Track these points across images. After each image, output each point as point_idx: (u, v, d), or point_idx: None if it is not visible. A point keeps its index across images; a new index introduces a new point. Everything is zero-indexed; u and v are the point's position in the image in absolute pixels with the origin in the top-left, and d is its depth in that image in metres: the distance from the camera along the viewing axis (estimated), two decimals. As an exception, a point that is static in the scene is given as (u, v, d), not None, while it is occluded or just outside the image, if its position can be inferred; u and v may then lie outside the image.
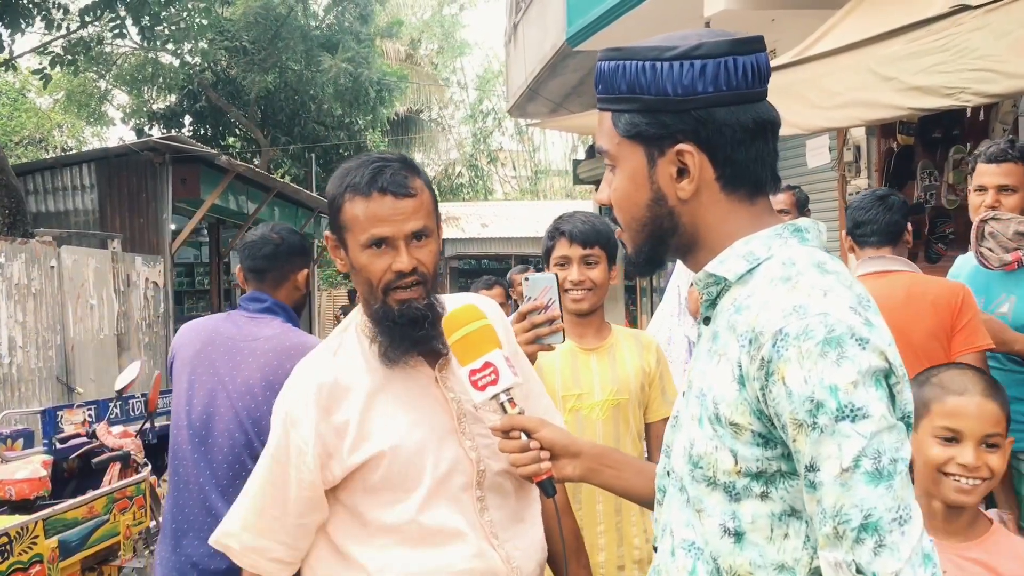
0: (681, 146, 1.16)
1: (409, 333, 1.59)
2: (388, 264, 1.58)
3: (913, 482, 1.07)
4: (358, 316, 1.72)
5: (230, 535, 1.68)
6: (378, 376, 1.64)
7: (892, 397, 1.05)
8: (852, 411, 1.01)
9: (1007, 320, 2.98)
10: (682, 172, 1.18)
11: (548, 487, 1.48)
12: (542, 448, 1.49)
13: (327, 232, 1.70)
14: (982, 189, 3.11)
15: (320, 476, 1.60)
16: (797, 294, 1.07)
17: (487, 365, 1.49)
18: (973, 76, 3.07)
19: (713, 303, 1.21)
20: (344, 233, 1.61)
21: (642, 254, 1.25)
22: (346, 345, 1.69)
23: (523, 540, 1.69)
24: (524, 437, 1.49)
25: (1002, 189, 3.07)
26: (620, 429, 2.48)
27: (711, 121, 1.15)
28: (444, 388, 1.66)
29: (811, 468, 1.03)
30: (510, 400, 1.49)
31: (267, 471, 1.65)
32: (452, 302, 1.72)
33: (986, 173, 3.10)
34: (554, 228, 2.48)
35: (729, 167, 1.17)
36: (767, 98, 1.20)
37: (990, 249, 3.04)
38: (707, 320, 1.22)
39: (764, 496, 1.10)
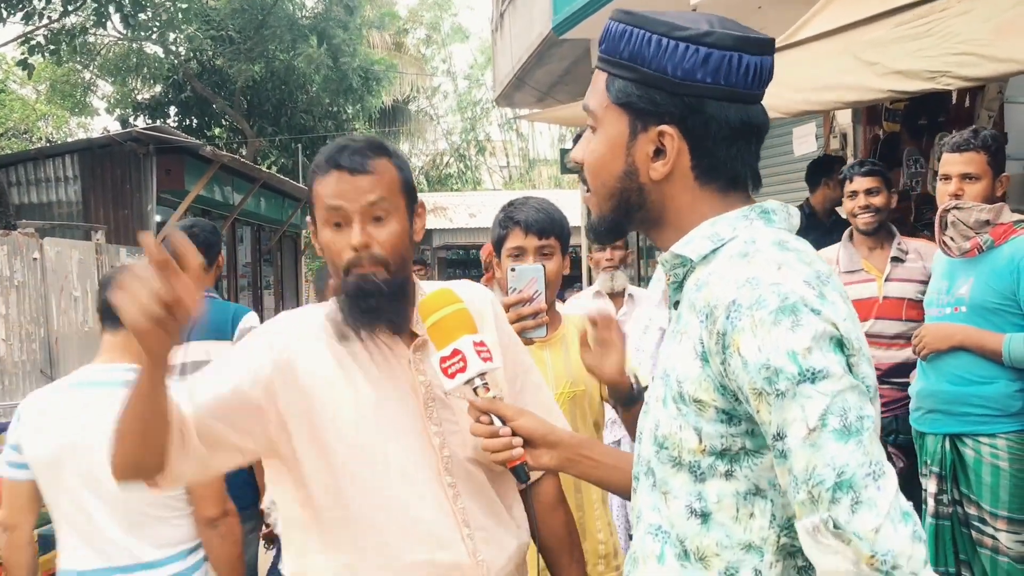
0: (664, 127, 1.15)
1: (358, 304, 1.57)
2: (346, 242, 1.58)
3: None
4: (332, 304, 1.69)
5: None
6: (352, 349, 1.61)
7: (849, 368, 1.04)
8: (812, 373, 1.00)
9: (963, 300, 3.14)
10: (659, 152, 1.17)
11: (521, 473, 1.47)
12: (518, 436, 1.47)
13: (308, 218, 1.70)
14: (947, 178, 3.22)
15: (261, 394, 1.55)
16: (751, 267, 1.07)
17: (455, 352, 1.47)
18: (955, 60, 3.07)
19: (680, 285, 1.21)
20: (313, 213, 1.63)
21: (605, 222, 1.25)
22: (321, 315, 1.67)
23: (499, 536, 1.63)
24: (499, 423, 1.47)
25: (965, 177, 3.17)
26: (577, 422, 2.36)
27: (701, 111, 1.14)
28: (415, 371, 1.63)
29: (778, 436, 1.02)
30: (484, 385, 1.48)
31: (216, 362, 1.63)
32: (432, 288, 1.70)
33: (949, 162, 3.21)
34: (506, 216, 2.32)
35: (706, 160, 1.17)
36: (761, 102, 1.19)
37: (952, 238, 3.17)
38: (677, 304, 1.22)
39: (729, 475, 1.10)
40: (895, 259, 3.66)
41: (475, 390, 1.48)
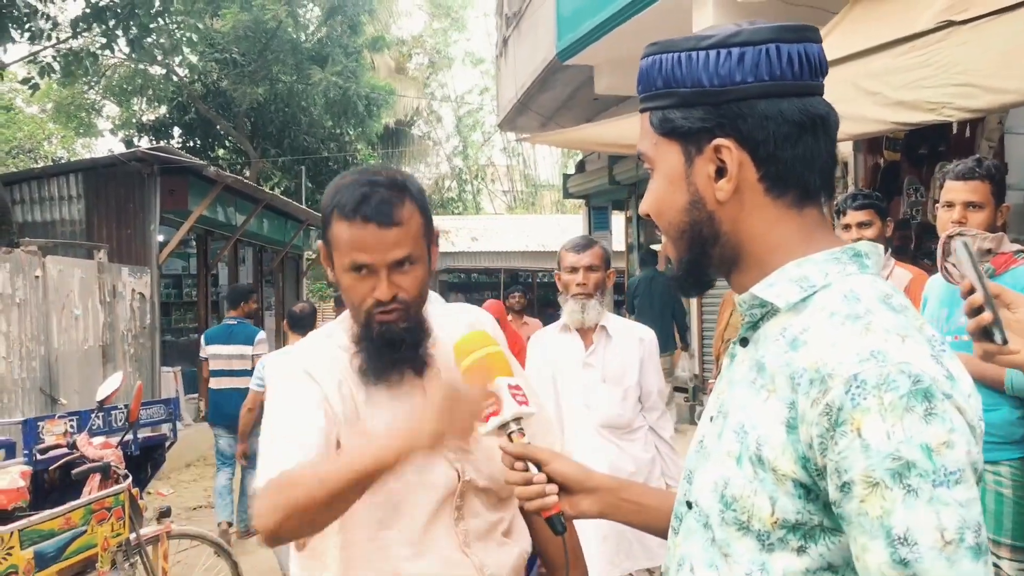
0: (718, 141, 1.06)
1: (386, 354, 1.59)
2: (369, 290, 1.58)
3: None
4: (348, 321, 1.71)
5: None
6: (366, 381, 1.63)
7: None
8: (947, 475, 0.90)
9: (964, 330, 3.06)
10: (721, 171, 1.07)
11: (556, 524, 1.35)
12: (554, 481, 1.35)
13: (320, 241, 1.69)
14: (950, 205, 3.21)
15: (331, 427, 1.56)
16: (872, 337, 0.96)
17: (489, 395, 1.43)
18: (956, 91, 3.09)
19: (755, 325, 1.11)
20: (331, 249, 1.62)
21: (683, 265, 1.14)
22: (335, 347, 1.68)
23: (500, 551, 1.68)
24: (533, 469, 1.36)
25: (969, 205, 3.16)
26: None
27: (752, 114, 1.05)
28: None
29: (904, 540, 0.91)
30: (519, 430, 1.40)
31: (292, 415, 1.55)
32: (450, 314, 1.72)
33: (953, 190, 3.20)
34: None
35: (773, 166, 1.06)
36: (823, 94, 1.09)
37: (954, 265, 3.14)
38: (744, 341, 1.12)
39: (801, 551, 0.99)
40: None
41: (509, 435, 1.40)
